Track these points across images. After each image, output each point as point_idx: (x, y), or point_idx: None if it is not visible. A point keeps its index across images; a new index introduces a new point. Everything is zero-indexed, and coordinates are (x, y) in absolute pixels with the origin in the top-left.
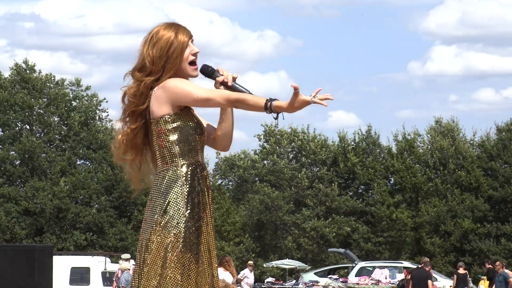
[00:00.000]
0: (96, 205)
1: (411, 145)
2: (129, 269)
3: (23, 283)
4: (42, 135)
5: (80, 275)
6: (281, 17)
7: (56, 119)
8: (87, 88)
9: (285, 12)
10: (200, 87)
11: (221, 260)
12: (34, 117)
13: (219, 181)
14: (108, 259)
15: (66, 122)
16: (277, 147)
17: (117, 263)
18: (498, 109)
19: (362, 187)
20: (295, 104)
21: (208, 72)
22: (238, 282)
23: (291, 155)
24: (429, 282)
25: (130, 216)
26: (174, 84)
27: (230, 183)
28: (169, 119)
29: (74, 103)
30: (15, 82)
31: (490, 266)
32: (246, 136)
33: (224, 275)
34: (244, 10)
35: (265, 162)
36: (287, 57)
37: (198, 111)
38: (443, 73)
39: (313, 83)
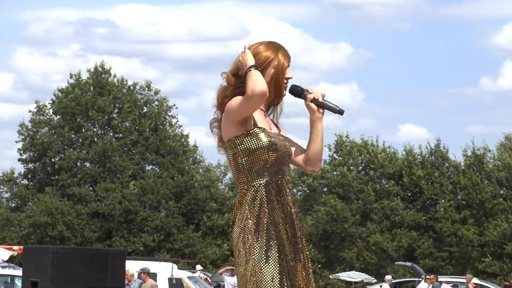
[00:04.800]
0: (165, 211)
1: (480, 160)
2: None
3: (96, 287)
4: (113, 139)
5: None
6: (354, 29)
7: (127, 124)
8: (156, 92)
9: (358, 24)
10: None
11: None
12: (106, 120)
13: None
14: (175, 265)
15: (137, 128)
16: (349, 159)
17: (183, 269)
18: None
19: (428, 201)
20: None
21: (298, 92)
22: None
23: (360, 167)
24: None
25: (198, 223)
26: (230, 102)
27: (299, 192)
28: (237, 141)
29: (145, 109)
30: (92, 85)
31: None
32: None
33: None
34: (316, 21)
35: (335, 173)
36: (359, 69)
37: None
38: None
39: (384, 96)
